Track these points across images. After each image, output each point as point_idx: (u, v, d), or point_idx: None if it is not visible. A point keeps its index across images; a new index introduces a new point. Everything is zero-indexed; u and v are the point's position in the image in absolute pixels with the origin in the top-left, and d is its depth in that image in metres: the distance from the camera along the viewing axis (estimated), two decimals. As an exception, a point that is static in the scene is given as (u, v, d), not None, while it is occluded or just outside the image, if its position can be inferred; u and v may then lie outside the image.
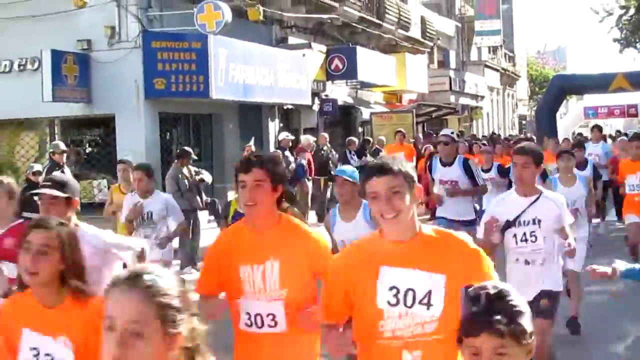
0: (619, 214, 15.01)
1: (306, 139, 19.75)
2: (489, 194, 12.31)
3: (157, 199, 9.66)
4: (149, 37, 17.81)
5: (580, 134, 43.18)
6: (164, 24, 18.43)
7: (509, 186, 11.65)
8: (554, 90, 40.81)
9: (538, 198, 6.46)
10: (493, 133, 41.93)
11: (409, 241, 3.66)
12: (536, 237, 6.40)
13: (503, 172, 13.93)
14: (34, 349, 3.69)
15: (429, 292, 3.57)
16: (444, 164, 10.80)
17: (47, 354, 3.69)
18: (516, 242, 6.47)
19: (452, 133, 11.35)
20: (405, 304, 3.59)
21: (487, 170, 13.75)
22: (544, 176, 11.52)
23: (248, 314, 4.45)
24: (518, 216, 6.41)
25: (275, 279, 4.42)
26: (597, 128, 19.84)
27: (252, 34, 20.83)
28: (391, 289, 3.60)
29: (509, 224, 6.43)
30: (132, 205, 9.55)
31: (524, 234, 6.42)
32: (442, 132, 12.20)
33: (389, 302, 3.59)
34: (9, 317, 3.81)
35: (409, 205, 3.62)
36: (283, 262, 4.42)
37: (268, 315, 4.41)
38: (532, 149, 6.75)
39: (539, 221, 6.39)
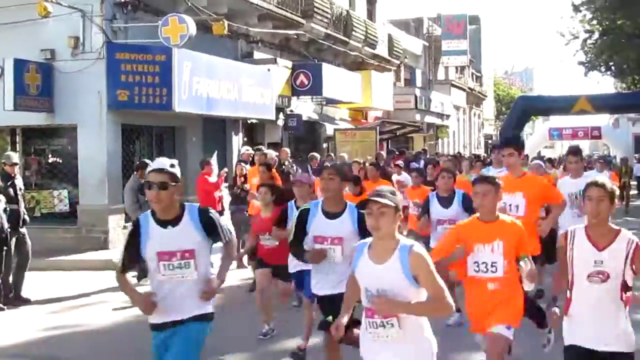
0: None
1: (267, 153, 19.75)
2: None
3: None
4: (113, 48, 17.81)
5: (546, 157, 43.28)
6: (129, 36, 18.43)
7: None
8: (518, 111, 41.30)
9: None
10: (458, 152, 42.28)
11: None
12: None
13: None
14: None
15: None
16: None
17: None
18: None
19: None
20: None
21: None
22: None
23: None
24: None
25: None
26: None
27: (217, 48, 20.92)
28: None
29: None
30: None
31: None
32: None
33: None
34: None
35: None
36: None
37: None
38: None
39: None
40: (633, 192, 31.41)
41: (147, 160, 15.13)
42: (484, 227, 6.29)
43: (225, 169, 17.92)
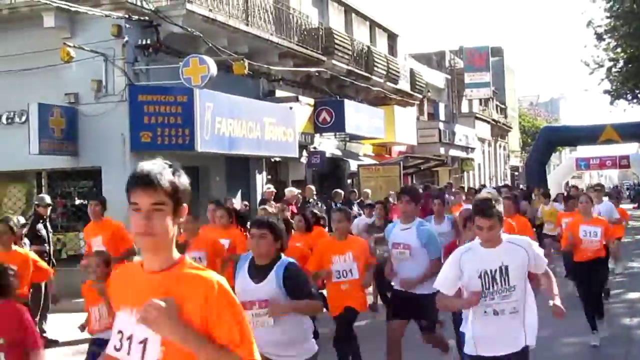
0: None
1: (290, 191, 19.75)
2: None
3: None
4: (135, 90, 17.99)
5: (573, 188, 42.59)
6: (150, 78, 18.62)
7: None
8: (543, 142, 41.18)
9: None
10: (483, 185, 42.11)
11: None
12: None
13: None
14: None
15: None
16: None
17: None
18: None
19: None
20: None
21: None
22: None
23: None
24: None
25: None
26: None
27: (239, 88, 21.07)
28: None
29: None
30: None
31: None
32: None
33: None
34: None
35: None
36: None
37: None
38: None
39: None
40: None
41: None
42: None
43: (245, 202, 17.93)
